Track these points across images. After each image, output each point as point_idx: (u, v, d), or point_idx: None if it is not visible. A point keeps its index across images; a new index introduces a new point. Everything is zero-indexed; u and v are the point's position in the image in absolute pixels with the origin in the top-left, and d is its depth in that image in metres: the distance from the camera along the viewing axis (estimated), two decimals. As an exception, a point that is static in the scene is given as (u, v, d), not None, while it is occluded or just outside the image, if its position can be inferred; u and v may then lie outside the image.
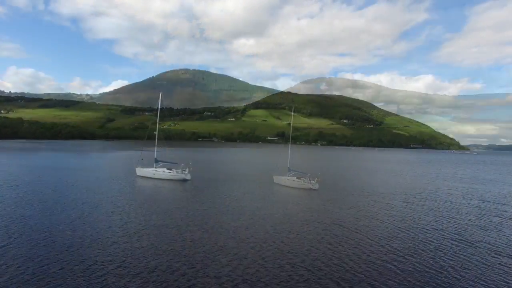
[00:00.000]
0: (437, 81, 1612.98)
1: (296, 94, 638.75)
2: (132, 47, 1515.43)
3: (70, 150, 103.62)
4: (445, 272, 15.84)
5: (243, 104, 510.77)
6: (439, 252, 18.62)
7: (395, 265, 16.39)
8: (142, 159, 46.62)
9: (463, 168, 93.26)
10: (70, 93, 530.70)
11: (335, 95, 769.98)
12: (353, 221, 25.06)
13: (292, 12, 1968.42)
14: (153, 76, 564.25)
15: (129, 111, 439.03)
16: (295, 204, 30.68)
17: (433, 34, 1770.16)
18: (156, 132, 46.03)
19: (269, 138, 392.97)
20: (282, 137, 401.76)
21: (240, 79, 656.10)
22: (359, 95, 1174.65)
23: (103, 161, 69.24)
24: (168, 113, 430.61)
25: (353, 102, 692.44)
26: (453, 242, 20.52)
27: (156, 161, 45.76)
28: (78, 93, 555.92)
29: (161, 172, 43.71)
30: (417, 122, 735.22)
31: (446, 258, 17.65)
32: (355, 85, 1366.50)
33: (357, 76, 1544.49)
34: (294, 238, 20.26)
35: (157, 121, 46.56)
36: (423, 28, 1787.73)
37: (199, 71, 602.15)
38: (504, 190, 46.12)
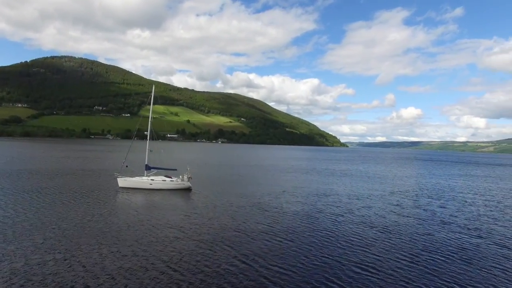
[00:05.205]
0: (321, 85, 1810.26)
1: (193, 90, 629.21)
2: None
3: None
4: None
5: (138, 99, 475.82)
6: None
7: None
8: (126, 166, 36.26)
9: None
10: None
11: (232, 93, 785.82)
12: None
13: (191, 8, 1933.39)
14: (26, 61, 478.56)
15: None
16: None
17: (319, 43, 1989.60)
18: (148, 132, 36.64)
19: (169, 135, 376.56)
20: (183, 134, 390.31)
21: (133, 71, 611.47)
22: (253, 94, 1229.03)
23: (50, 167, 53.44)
24: (49, 105, 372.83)
25: (249, 101, 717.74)
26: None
27: (148, 167, 36.67)
28: None
29: (160, 181, 35.26)
30: (305, 121, 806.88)
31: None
32: (250, 84, 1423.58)
33: (252, 76, 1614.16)
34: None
35: (150, 119, 37.20)
36: (311, 36, 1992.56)
37: (87, 61, 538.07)
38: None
